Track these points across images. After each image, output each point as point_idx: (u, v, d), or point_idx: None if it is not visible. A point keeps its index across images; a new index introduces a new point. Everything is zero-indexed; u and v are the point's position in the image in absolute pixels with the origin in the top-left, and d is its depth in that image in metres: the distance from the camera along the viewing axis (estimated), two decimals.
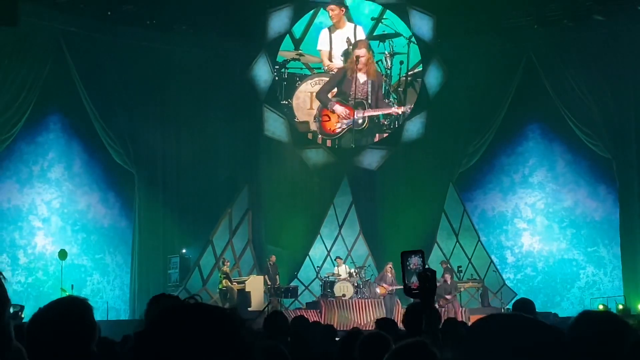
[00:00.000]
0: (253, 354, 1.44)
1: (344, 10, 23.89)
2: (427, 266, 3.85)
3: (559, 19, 23.23)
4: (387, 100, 24.30)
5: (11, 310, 1.70)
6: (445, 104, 24.03)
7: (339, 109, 23.95)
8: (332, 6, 23.76)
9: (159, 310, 1.46)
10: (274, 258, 22.32)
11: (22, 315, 15.43)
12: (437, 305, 20.10)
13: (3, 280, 1.69)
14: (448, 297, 20.65)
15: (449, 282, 21.07)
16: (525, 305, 6.39)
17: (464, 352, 1.52)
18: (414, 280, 3.75)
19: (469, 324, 10.39)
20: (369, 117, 24.04)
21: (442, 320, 7.08)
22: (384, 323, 6.44)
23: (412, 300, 5.33)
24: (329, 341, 6.63)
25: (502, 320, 1.57)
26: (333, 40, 24.09)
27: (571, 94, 23.12)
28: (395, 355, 3.16)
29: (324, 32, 24.12)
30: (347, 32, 24.02)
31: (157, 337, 1.41)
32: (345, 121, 23.99)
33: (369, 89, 23.85)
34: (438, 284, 21.43)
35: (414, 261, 3.81)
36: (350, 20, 24.05)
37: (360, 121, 23.99)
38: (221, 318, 1.45)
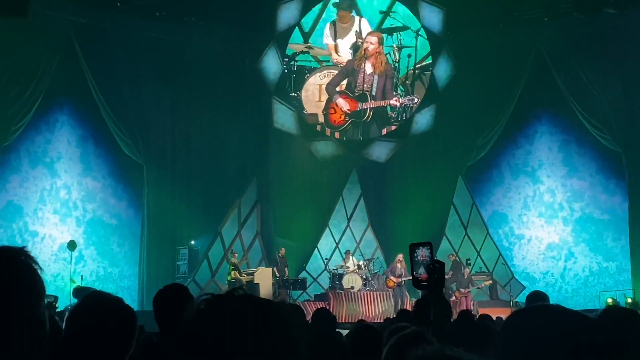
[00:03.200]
0: (300, 349, 1.43)
1: (350, 12, 23.95)
2: (435, 258, 3.85)
3: (569, 12, 23.12)
4: (395, 93, 24.23)
5: (45, 300, 1.70)
6: (454, 96, 23.95)
7: (341, 102, 23.91)
8: (343, 12, 23.76)
9: (206, 299, 1.44)
10: (283, 251, 22.35)
11: (57, 305, 15.49)
12: (453, 298, 20.20)
13: (39, 271, 1.69)
14: (463, 290, 20.66)
15: (465, 276, 21.06)
16: (538, 298, 6.35)
17: (503, 348, 1.49)
18: (422, 272, 3.76)
19: (478, 316, 10.36)
20: (371, 109, 23.96)
21: (453, 313, 7.05)
22: (402, 315, 6.42)
23: (420, 293, 5.31)
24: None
25: (542, 313, 1.53)
26: (338, 34, 24.09)
27: (581, 87, 23.03)
28: (394, 347, 3.15)
29: (328, 27, 24.16)
30: (352, 25, 24.00)
31: (206, 325, 1.40)
32: (348, 114, 23.96)
33: (374, 81, 23.77)
34: (449, 276, 21.47)
35: (422, 253, 3.81)
36: (357, 13, 24.07)
37: (362, 113, 23.93)
38: (271, 311, 1.44)
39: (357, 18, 24.08)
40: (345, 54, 24.12)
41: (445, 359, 1.47)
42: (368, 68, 23.70)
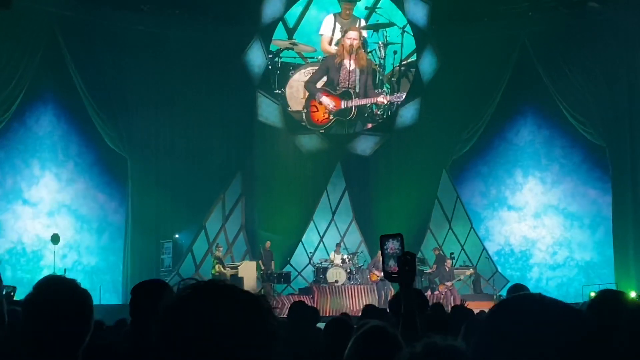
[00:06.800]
0: (278, 342, 1.44)
1: (355, 4, 23.86)
2: (405, 249, 3.82)
3: (554, 6, 23.19)
4: (377, 90, 24.18)
5: (4, 291, 1.68)
6: (439, 90, 23.97)
7: (326, 100, 23.85)
8: (347, 5, 23.66)
9: (190, 287, 1.45)
10: (268, 244, 22.32)
11: (14, 295, 15.46)
12: (437, 292, 20.25)
13: None
14: (448, 284, 20.71)
15: (448, 269, 21.11)
16: (519, 290, 6.35)
17: (485, 338, 1.47)
18: (392, 264, 3.73)
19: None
20: (357, 106, 23.93)
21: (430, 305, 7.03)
22: (371, 310, 6.41)
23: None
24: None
25: (523, 303, 1.52)
26: (336, 28, 23.97)
27: (565, 82, 23.12)
28: (357, 342, 3.14)
29: (329, 18, 23.97)
30: (351, 24, 23.90)
31: (186, 312, 1.39)
32: (332, 112, 23.90)
33: (357, 77, 23.73)
34: (433, 270, 21.53)
35: (391, 245, 3.79)
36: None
37: (347, 111, 23.90)
38: (253, 302, 1.46)
39: (357, 19, 23.96)
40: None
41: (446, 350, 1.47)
42: (350, 64, 23.63)
